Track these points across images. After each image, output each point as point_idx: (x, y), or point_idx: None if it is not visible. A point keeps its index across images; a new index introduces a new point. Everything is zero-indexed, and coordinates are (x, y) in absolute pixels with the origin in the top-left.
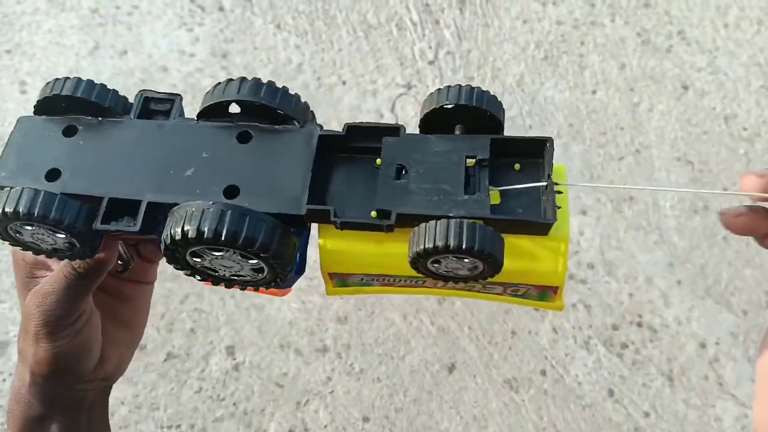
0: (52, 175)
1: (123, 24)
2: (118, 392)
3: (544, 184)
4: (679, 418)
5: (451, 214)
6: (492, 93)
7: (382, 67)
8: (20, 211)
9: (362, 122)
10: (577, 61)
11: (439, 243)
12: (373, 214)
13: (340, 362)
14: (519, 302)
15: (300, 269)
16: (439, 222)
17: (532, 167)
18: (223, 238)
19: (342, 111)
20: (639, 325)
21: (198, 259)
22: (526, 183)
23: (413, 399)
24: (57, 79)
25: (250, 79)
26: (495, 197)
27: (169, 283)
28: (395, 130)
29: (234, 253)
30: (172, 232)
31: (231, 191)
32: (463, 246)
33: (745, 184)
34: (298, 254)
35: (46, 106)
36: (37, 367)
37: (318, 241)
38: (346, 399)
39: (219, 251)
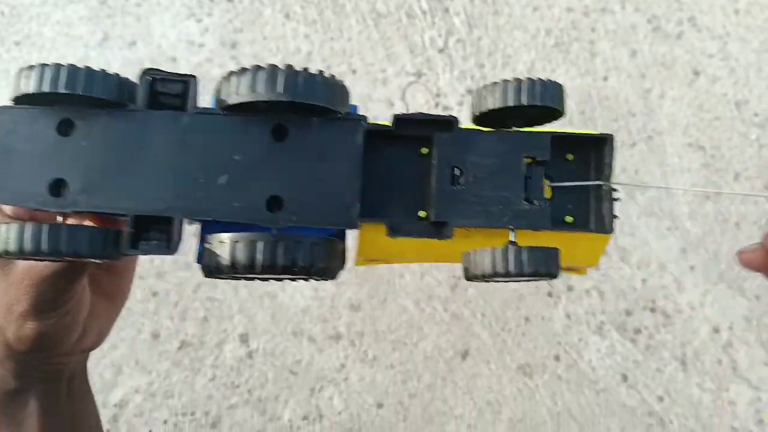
0: (58, 188)
1: (132, 15)
2: (133, 381)
3: (601, 183)
4: (693, 402)
5: (511, 227)
6: (551, 81)
7: (392, 56)
8: (26, 249)
9: (413, 114)
10: (588, 48)
11: (500, 269)
12: (422, 213)
13: (354, 349)
14: None
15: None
16: (497, 250)
17: (585, 158)
18: (277, 272)
19: (352, 100)
20: (652, 310)
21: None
22: (579, 176)
23: (427, 385)
24: (44, 66)
25: (276, 70)
26: (547, 191)
27: (181, 272)
28: (448, 123)
29: None
30: (215, 264)
31: (274, 203)
32: (526, 272)
33: None
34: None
35: (29, 96)
36: (17, 343)
37: (357, 233)
38: (360, 385)
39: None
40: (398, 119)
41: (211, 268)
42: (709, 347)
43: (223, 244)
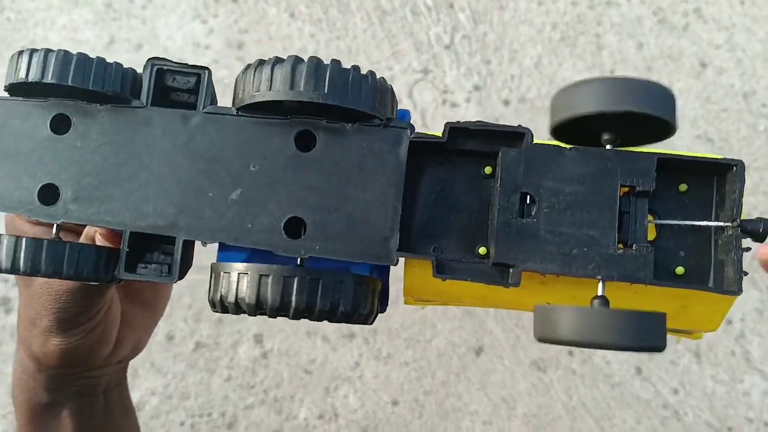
0: (48, 194)
1: (137, 18)
2: (148, 383)
3: (726, 225)
4: (707, 393)
5: (599, 276)
6: (660, 84)
7: (397, 53)
8: (20, 268)
9: (469, 123)
10: (595, 42)
11: (581, 336)
12: (482, 250)
13: (368, 347)
14: None
15: (383, 308)
16: (579, 310)
17: (703, 191)
18: (291, 315)
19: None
20: None
21: None
22: (695, 213)
23: (441, 382)
24: (33, 52)
25: (305, 62)
26: (650, 231)
27: (194, 274)
28: (518, 136)
29: None
30: (222, 299)
31: (294, 226)
32: (618, 344)
33: None
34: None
35: (22, 86)
36: (45, 359)
37: (402, 269)
38: (374, 383)
39: None
40: (453, 130)
41: (216, 302)
42: (723, 339)
43: (229, 276)
